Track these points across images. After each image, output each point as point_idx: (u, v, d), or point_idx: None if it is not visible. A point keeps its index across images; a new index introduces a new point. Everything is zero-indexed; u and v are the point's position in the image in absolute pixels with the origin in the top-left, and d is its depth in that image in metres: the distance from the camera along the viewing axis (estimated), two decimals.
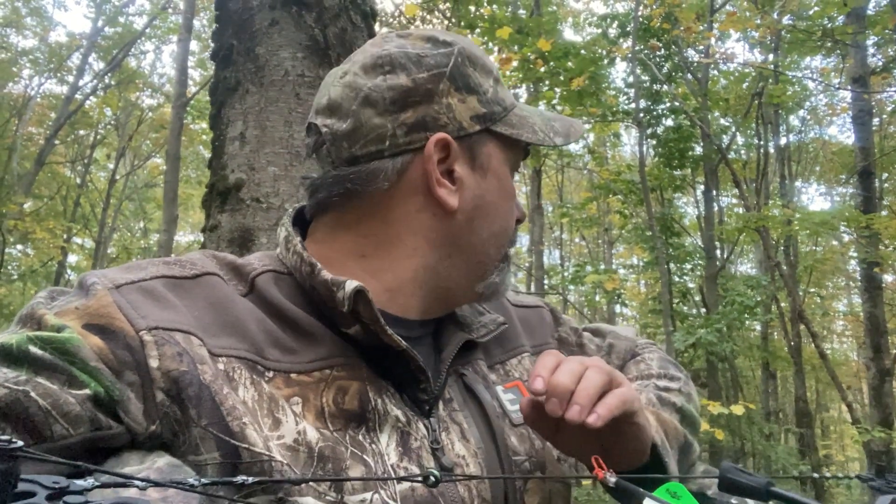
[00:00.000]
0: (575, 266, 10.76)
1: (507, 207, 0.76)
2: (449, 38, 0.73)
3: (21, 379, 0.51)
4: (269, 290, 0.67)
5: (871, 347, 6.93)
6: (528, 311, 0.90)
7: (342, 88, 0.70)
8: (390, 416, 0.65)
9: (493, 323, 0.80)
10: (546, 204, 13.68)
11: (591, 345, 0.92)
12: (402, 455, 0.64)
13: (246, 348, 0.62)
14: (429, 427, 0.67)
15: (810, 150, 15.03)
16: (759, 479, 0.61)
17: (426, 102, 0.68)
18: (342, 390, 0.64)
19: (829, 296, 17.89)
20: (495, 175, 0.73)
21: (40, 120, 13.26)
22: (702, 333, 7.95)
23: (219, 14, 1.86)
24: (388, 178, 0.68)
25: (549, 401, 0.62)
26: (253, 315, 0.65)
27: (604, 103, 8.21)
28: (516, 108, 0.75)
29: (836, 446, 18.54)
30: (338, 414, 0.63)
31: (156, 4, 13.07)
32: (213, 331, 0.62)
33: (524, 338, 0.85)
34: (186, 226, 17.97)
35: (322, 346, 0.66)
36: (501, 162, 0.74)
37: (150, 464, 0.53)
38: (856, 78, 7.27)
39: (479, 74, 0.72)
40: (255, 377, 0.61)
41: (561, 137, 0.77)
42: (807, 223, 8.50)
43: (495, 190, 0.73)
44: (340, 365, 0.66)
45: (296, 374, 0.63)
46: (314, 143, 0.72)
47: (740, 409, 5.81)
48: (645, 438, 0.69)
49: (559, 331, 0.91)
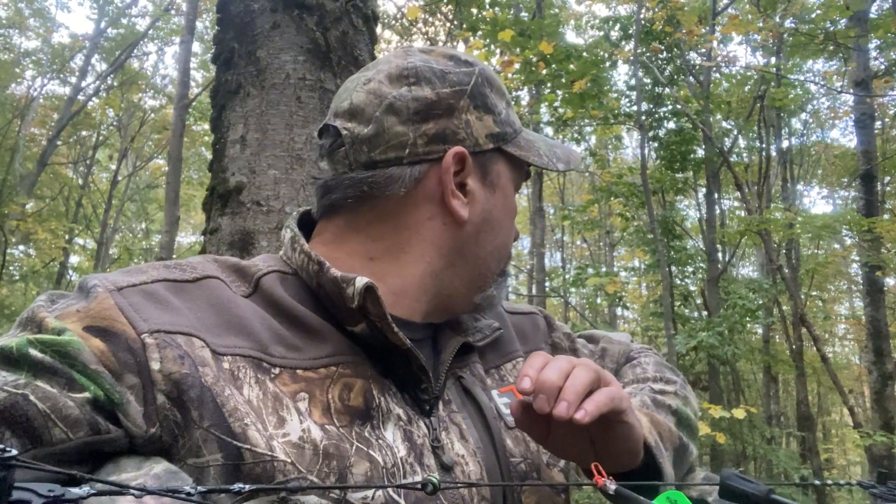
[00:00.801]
0: (576, 269, 10.74)
1: (510, 224, 0.80)
2: (470, 59, 0.77)
3: (20, 382, 0.51)
4: (275, 289, 0.68)
5: (873, 351, 6.92)
6: (523, 318, 0.92)
7: (366, 95, 0.72)
8: (392, 415, 0.66)
9: (489, 328, 0.82)
10: (548, 206, 13.69)
11: (585, 350, 0.93)
12: (409, 449, 0.65)
13: (250, 346, 0.63)
14: (429, 426, 0.68)
15: (812, 154, 15.01)
16: (760, 487, 0.61)
17: (447, 116, 0.72)
18: (348, 387, 0.65)
19: (831, 299, 17.87)
20: (502, 192, 0.77)
21: (43, 121, 13.29)
22: (703, 336, 7.94)
23: (220, 17, 1.86)
24: (404, 185, 0.71)
25: (536, 397, 0.62)
26: (256, 314, 0.66)
27: (606, 106, 8.21)
28: (524, 132, 0.80)
29: (838, 450, 18.50)
30: (343, 410, 0.64)
31: (158, 6, 13.09)
32: (216, 331, 0.62)
33: (518, 343, 0.87)
34: (188, 227, 18.00)
35: (328, 344, 0.67)
36: (508, 180, 0.78)
37: (148, 470, 0.53)
38: (858, 81, 7.26)
39: (496, 96, 0.77)
40: (260, 376, 0.62)
41: (562, 164, 0.82)
42: (809, 226, 8.49)
43: (501, 206, 0.77)
44: (346, 362, 0.67)
45: (302, 370, 0.64)
46: (331, 144, 0.74)
47: (742, 412, 5.80)
48: (636, 438, 0.69)
49: (553, 336, 0.92)
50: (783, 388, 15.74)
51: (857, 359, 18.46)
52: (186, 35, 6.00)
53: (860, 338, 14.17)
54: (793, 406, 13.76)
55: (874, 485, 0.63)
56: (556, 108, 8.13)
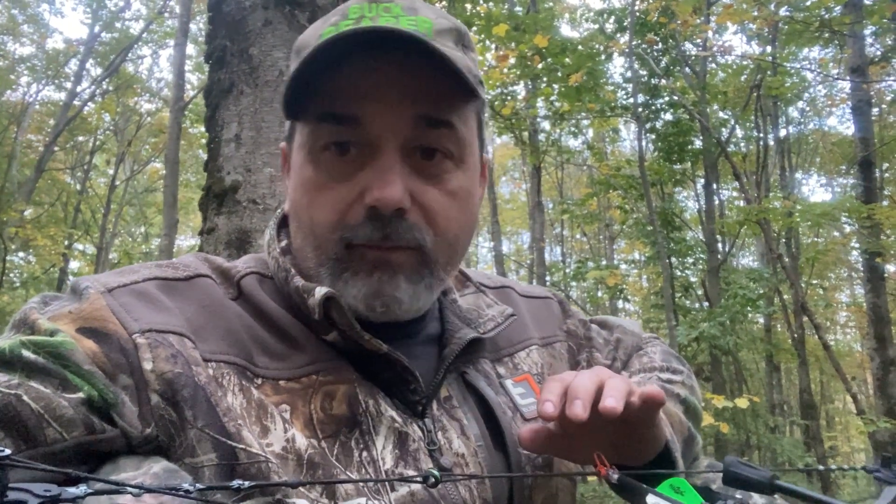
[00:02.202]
0: (576, 262, 10.75)
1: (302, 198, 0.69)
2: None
3: (13, 383, 0.51)
4: (255, 293, 0.67)
5: (875, 338, 6.91)
6: (537, 303, 0.89)
7: None
8: (385, 417, 0.64)
9: (501, 315, 0.78)
10: (546, 201, 13.68)
11: (599, 338, 0.91)
12: (398, 458, 0.63)
13: (236, 353, 0.62)
14: (423, 428, 0.66)
15: (810, 142, 15.00)
16: (763, 473, 0.60)
17: None
18: (329, 395, 0.63)
19: (832, 287, 17.88)
20: (297, 159, 0.70)
21: (39, 127, 13.27)
22: (705, 327, 7.94)
23: (212, 16, 1.86)
24: None
25: (572, 405, 0.59)
26: (242, 320, 0.64)
27: (602, 99, 8.20)
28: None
29: (842, 438, 18.53)
30: (327, 420, 0.62)
31: (152, 9, 13.07)
32: (203, 335, 0.61)
33: (533, 329, 0.84)
34: (187, 230, 17.98)
35: (307, 352, 0.65)
36: (301, 145, 0.68)
37: (147, 469, 0.52)
38: (854, 68, 7.24)
39: (294, 57, 0.70)
40: (245, 383, 0.61)
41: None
42: (808, 215, 8.48)
43: (293, 179, 0.71)
44: (326, 369, 0.64)
45: (284, 380, 0.62)
46: None
47: (745, 402, 5.79)
48: (660, 439, 0.69)
49: (567, 323, 0.90)
50: (786, 377, 15.75)
51: (859, 346, 18.47)
52: (180, 37, 5.99)
53: (862, 325, 14.18)
54: (796, 395, 13.77)
55: (878, 469, 0.63)
56: (553, 101, 8.11)
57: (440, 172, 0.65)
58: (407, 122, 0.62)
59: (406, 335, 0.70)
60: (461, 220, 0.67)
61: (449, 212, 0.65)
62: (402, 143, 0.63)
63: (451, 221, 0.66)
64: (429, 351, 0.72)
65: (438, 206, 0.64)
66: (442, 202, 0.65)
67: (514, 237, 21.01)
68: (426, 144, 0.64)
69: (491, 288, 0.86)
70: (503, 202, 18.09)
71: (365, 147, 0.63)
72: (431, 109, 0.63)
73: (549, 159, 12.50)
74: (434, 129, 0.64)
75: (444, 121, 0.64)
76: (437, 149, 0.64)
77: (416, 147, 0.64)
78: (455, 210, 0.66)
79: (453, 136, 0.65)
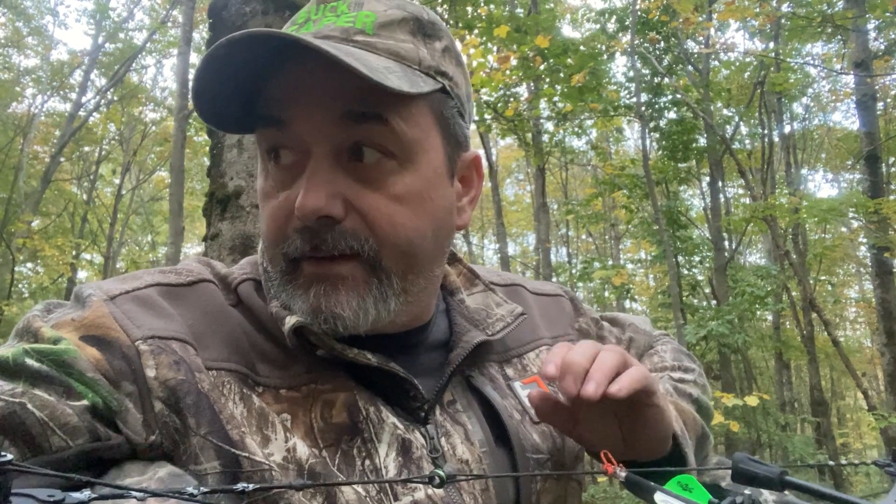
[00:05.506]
0: (582, 262, 10.71)
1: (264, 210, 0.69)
2: None
3: (17, 391, 0.51)
4: (252, 301, 0.67)
5: (885, 333, 6.87)
6: (548, 300, 0.88)
7: None
8: (387, 424, 0.63)
9: (511, 315, 0.76)
10: (551, 201, 13.67)
11: (612, 336, 0.90)
12: (401, 466, 0.62)
13: (238, 361, 0.62)
14: (426, 435, 0.65)
15: (815, 138, 14.93)
16: (772, 469, 0.60)
17: None
18: (328, 404, 0.63)
19: (840, 283, 17.78)
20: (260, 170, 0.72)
21: (45, 138, 13.36)
22: (713, 325, 7.91)
23: (212, 22, 1.86)
24: None
25: (563, 379, 0.60)
26: (242, 328, 0.64)
27: (605, 98, 8.18)
28: None
29: (854, 434, 18.40)
30: (327, 429, 0.61)
31: (155, 19, 13.14)
32: (205, 342, 0.61)
33: (543, 329, 0.83)
34: (193, 237, 18.04)
35: (303, 362, 0.64)
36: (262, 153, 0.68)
37: (152, 474, 0.52)
38: (858, 62, 7.21)
39: None
40: (246, 391, 0.60)
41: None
42: (814, 210, 8.43)
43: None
44: (324, 378, 0.64)
45: (285, 389, 0.62)
46: None
47: (755, 400, 5.77)
48: (666, 424, 0.67)
49: (579, 321, 0.89)
50: (796, 374, 15.68)
51: (869, 342, 18.36)
52: (184, 46, 6.02)
53: (871, 320, 14.10)
54: (806, 392, 13.70)
55: (890, 463, 0.62)
56: (556, 102, 8.10)
57: (380, 175, 0.60)
58: (333, 121, 0.59)
59: (410, 343, 0.70)
60: (414, 224, 0.62)
61: (395, 217, 0.61)
62: (332, 147, 0.60)
63: (397, 227, 0.61)
64: (434, 356, 0.71)
65: (379, 212, 0.60)
66: (384, 207, 0.60)
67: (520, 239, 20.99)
68: (353, 140, 0.60)
69: (500, 286, 0.85)
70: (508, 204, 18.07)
71: (298, 153, 0.61)
72: (355, 104, 0.59)
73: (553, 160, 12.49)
74: (359, 124, 0.59)
75: (369, 114, 0.59)
76: (365, 144, 0.60)
77: (348, 148, 0.60)
78: (403, 215, 0.61)
79: (387, 132, 0.59)
